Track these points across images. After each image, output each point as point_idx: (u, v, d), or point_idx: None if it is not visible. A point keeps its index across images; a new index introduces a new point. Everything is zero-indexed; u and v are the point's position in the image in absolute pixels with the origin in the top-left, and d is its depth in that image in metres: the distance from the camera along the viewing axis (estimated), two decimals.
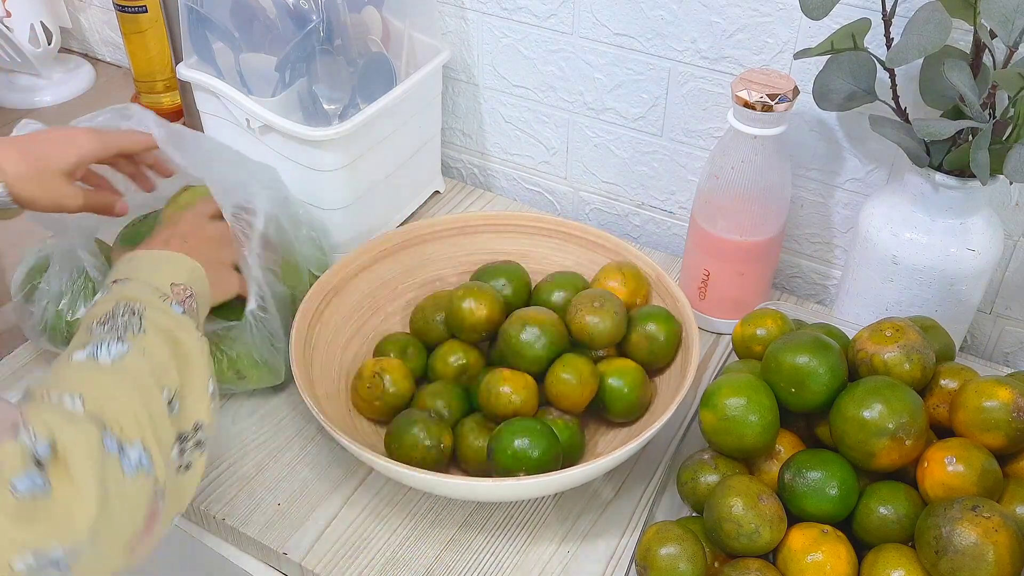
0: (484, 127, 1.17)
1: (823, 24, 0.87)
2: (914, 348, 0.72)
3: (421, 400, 0.85)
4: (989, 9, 0.72)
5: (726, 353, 0.95)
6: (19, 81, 1.34)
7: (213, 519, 0.81)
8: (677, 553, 0.68)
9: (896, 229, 0.84)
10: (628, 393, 0.83)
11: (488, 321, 0.87)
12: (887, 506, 0.69)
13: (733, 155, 0.88)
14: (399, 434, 0.80)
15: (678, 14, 0.96)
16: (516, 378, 0.82)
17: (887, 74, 0.81)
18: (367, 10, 1.03)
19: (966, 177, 0.79)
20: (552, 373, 0.83)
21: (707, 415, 0.74)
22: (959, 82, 0.74)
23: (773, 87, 0.84)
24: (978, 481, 0.67)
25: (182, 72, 1.02)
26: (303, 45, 0.97)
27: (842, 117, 0.94)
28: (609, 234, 0.96)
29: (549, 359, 0.83)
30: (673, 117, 1.03)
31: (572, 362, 0.82)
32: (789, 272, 1.07)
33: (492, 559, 0.78)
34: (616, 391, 0.83)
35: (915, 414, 0.68)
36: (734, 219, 0.91)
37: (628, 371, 0.84)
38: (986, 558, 0.61)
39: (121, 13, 1.23)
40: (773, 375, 0.74)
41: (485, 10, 1.08)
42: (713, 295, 0.96)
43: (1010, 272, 0.94)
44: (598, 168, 1.12)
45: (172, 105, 1.31)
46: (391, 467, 0.73)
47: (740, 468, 0.75)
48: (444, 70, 1.11)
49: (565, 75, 1.07)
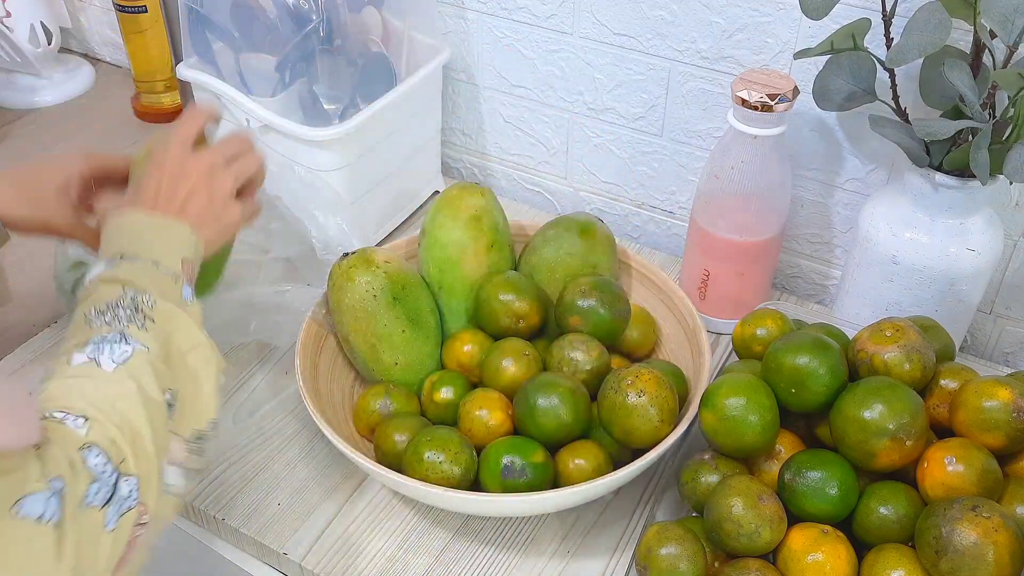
0: (484, 127, 1.17)
1: (823, 24, 0.87)
2: (914, 348, 0.72)
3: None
4: (989, 9, 0.72)
5: (726, 353, 0.95)
6: (19, 81, 1.34)
7: (213, 519, 0.81)
8: (677, 553, 0.68)
9: (896, 229, 0.84)
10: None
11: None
12: (887, 506, 0.69)
13: (733, 155, 0.88)
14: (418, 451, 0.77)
15: (678, 14, 0.96)
16: (493, 401, 0.80)
17: (887, 74, 0.81)
18: (367, 10, 1.03)
19: (966, 177, 0.79)
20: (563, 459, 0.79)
21: (707, 415, 0.74)
22: (959, 82, 0.74)
23: (773, 87, 0.84)
24: (978, 481, 0.67)
25: (182, 72, 1.02)
26: (303, 45, 0.97)
27: (842, 117, 0.94)
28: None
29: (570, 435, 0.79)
30: (673, 117, 1.03)
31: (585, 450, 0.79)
32: (789, 272, 1.07)
33: (492, 559, 0.78)
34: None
35: (915, 414, 0.68)
36: (734, 219, 0.91)
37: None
38: (986, 558, 0.61)
39: (121, 13, 1.23)
40: (773, 375, 0.74)
41: (485, 10, 1.08)
42: (713, 295, 0.96)
43: (1010, 272, 0.94)
44: (598, 168, 1.12)
45: (172, 105, 1.31)
46: (386, 475, 0.74)
47: (740, 468, 0.75)
48: (444, 70, 1.11)
49: (565, 75, 1.07)
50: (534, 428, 0.77)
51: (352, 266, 0.85)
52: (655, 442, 0.75)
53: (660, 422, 0.75)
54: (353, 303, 0.84)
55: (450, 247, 0.89)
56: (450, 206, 0.90)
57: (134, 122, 1.31)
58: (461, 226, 0.89)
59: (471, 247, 0.89)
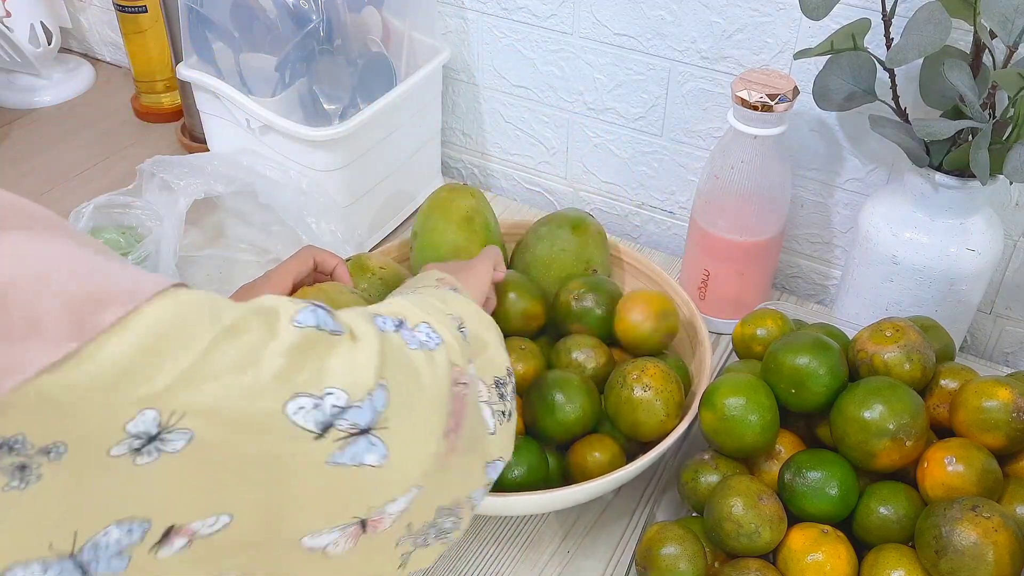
0: (484, 127, 1.17)
1: (823, 24, 0.87)
2: (914, 348, 0.72)
3: None
4: (989, 9, 0.72)
5: (726, 353, 0.95)
6: (19, 81, 1.34)
7: None
8: (677, 553, 0.68)
9: (896, 229, 0.84)
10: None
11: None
12: (887, 506, 0.69)
13: (733, 155, 0.88)
14: None
15: (678, 14, 0.96)
16: None
17: (887, 74, 0.81)
18: (367, 10, 1.03)
19: (966, 177, 0.79)
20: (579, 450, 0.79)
21: (707, 415, 0.74)
22: (959, 82, 0.74)
23: (773, 87, 0.84)
24: (978, 481, 0.67)
25: (182, 72, 1.02)
26: (303, 45, 0.97)
27: (842, 117, 0.94)
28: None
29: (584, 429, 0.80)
30: (673, 117, 1.03)
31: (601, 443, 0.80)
32: (789, 272, 1.07)
33: (492, 559, 0.78)
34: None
35: (915, 414, 0.68)
36: (734, 219, 0.91)
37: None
38: (986, 558, 0.61)
39: (121, 13, 1.23)
40: (773, 376, 0.74)
41: (485, 10, 1.08)
42: (713, 295, 0.96)
43: (1010, 272, 0.94)
44: (598, 168, 1.12)
45: (172, 105, 1.31)
46: None
47: (740, 468, 0.75)
48: (444, 70, 1.11)
49: (565, 75, 1.07)
50: (552, 423, 0.77)
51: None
52: (661, 435, 0.75)
53: (666, 416, 0.76)
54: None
55: (443, 249, 0.89)
56: (441, 208, 0.90)
57: (134, 122, 1.31)
58: (454, 228, 0.89)
59: (465, 248, 0.89)
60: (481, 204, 0.91)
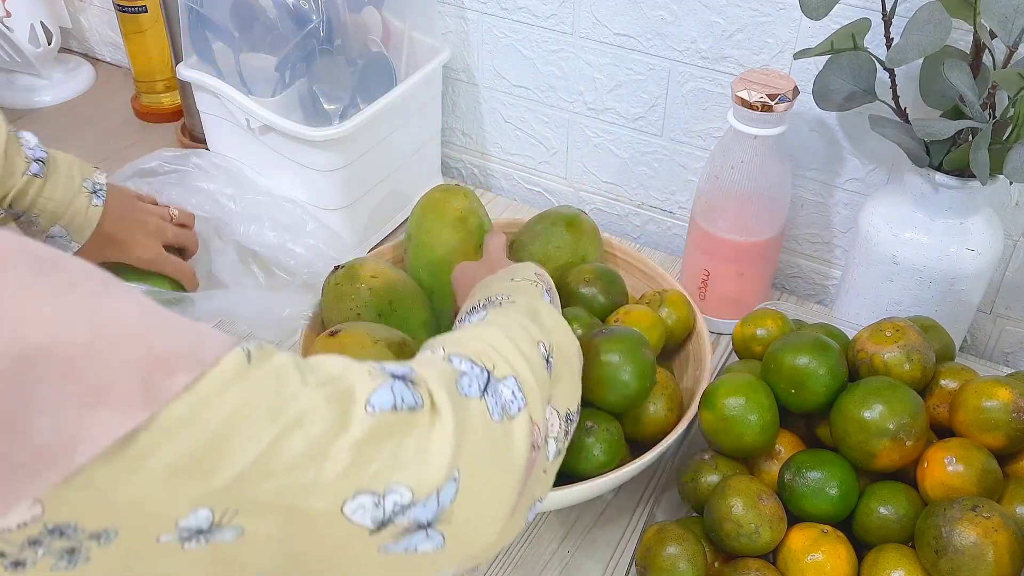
0: (484, 127, 1.17)
1: (823, 24, 0.87)
2: (914, 348, 0.72)
3: None
4: (989, 9, 0.72)
5: (726, 353, 0.95)
6: (19, 81, 1.34)
7: None
8: (677, 553, 0.68)
9: (896, 229, 0.84)
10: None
11: None
12: (887, 506, 0.69)
13: (733, 155, 0.88)
14: None
15: (678, 14, 0.96)
16: None
17: (887, 74, 0.81)
18: (367, 10, 1.03)
19: (966, 177, 0.79)
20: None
21: (707, 415, 0.74)
22: (959, 82, 0.74)
23: (773, 87, 0.84)
24: (978, 481, 0.67)
25: (182, 72, 1.02)
26: (303, 45, 0.97)
27: (842, 117, 0.94)
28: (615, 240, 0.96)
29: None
30: (673, 117, 1.03)
31: None
32: (789, 272, 1.07)
33: (492, 559, 0.78)
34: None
35: (915, 414, 0.68)
36: (734, 219, 0.91)
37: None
38: (986, 558, 0.61)
39: (121, 13, 1.23)
40: (773, 376, 0.74)
41: (485, 10, 1.08)
42: (713, 295, 0.96)
43: (1010, 272, 0.94)
44: (598, 168, 1.12)
45: (172, 105, 1.31)
46: None
47: (740, 468, 0.75)
48: (444, 70, 1.11)
49: (565, 75, 1.07)
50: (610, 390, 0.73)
51: (338, 282, 0.85)
52: (663, 433, 0.75)
53: (668, 411, 0.76)
54: (339, 320, 0.84)
55: (439, 250, 0.89)
56: (435, 209, 0.90)
57: (134, 122, 1.31)
58: (448, 229, 0.89)
59: (460, 249, 0.88)
60: (474, 204, 0.91)
